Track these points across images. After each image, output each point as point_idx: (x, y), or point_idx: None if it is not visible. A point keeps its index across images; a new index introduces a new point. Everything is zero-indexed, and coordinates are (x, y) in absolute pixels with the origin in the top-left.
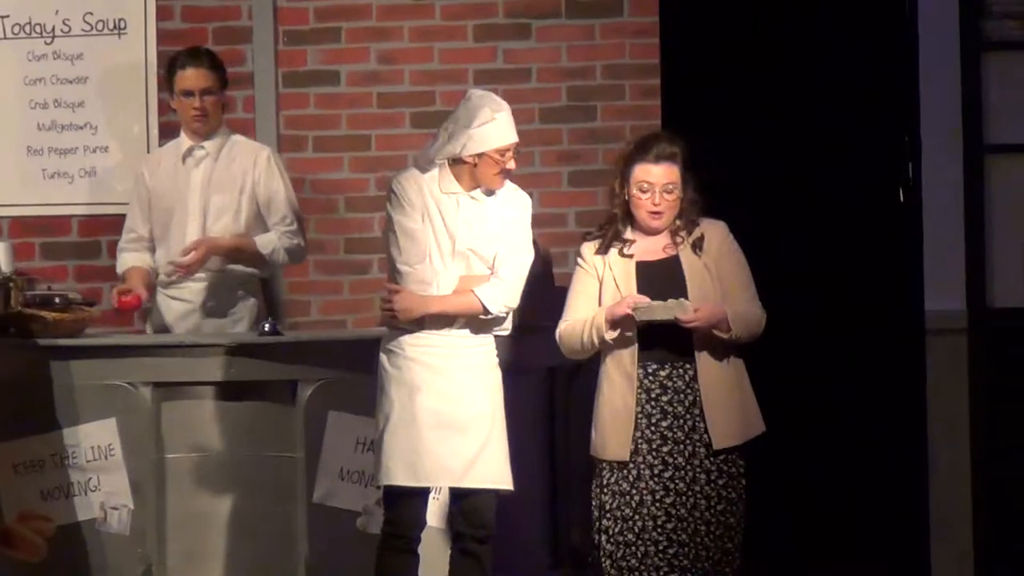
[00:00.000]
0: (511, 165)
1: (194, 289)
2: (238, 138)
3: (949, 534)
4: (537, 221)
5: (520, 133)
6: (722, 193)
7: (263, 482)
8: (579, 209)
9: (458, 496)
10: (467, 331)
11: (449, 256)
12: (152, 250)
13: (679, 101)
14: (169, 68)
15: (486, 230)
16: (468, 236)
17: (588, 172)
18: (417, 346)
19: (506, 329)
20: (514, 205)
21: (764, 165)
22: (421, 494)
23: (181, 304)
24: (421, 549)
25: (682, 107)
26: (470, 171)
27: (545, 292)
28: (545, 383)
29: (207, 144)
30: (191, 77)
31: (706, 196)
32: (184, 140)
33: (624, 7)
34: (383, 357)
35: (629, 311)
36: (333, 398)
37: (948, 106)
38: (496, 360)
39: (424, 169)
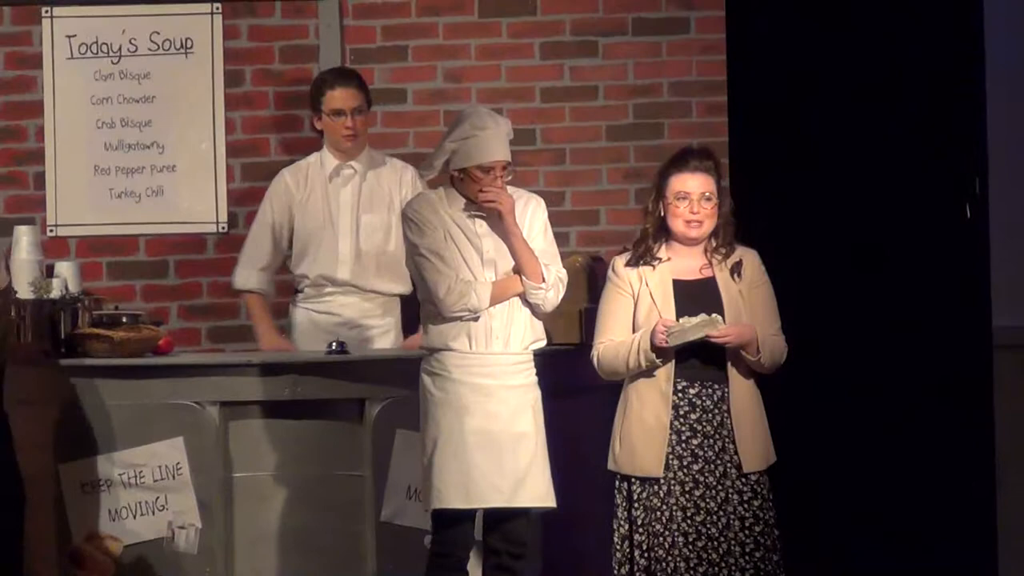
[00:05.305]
0: (498, 185)
1: (341, 303)
2: (382, 157)
3: (1017, 548)
4: (603, 238)
5: (587, 151)
6: (790, 208)
7: (331, 501)
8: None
9: (496, 514)
10: (509, 349)
11: (479, 267)
12: (271, 273)
13: (746, 118)
14: (316, 88)
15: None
16: (492, 245)
17: None
18: (463, 366)
19: (542, 340)
20: (528, 213)
21: (830, 180)
22: (471, 515)
23: (326, 318)
24: None
25: (749, 124)
26: (459, 185)
27: None
28: (611, 401)
29: (354, 163)
30: (341, 97)
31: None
32: (329, 158)
33: (691, 24)
34: (426, 379)
35: (665, 343)
36: (401, 416)
37: (1015, 122)
38: (536, 379)
39: (424, 178)
